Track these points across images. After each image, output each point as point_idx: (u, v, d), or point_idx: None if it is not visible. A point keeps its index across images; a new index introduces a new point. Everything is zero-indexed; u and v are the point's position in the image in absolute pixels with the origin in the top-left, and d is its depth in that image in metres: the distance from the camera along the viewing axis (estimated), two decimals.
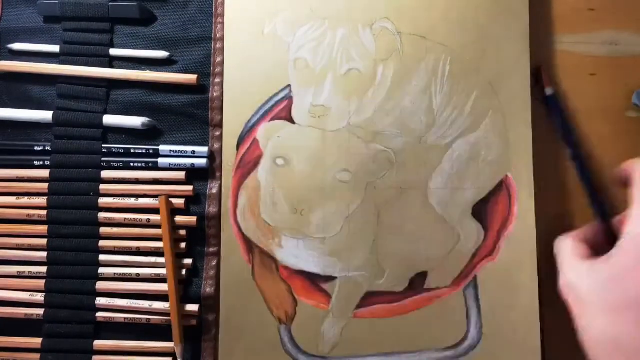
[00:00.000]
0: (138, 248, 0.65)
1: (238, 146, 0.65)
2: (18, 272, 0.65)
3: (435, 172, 0.65)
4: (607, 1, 0.69)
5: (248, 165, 0.65)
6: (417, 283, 0.65)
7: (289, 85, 0.65)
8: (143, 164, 0.65)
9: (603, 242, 0.59)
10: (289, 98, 0.65)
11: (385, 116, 0.65)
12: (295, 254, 0.64)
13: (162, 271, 0.65)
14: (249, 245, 0.64)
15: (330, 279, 0.64)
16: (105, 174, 0.66)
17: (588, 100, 0.69)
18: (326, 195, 0.64)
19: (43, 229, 0.65)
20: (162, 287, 0.64)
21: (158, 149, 0.65)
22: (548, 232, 0.67)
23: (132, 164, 0.66)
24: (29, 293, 0.65)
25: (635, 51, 0.69)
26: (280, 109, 0.65)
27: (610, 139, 0.68)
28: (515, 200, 0.65)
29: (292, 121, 0.65)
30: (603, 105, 0.69)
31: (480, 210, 0.65)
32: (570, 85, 0.69)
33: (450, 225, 0.65)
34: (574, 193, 0.68)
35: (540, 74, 0.67)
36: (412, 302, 0.64)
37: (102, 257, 0.65)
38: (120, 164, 0.66)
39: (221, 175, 0.65)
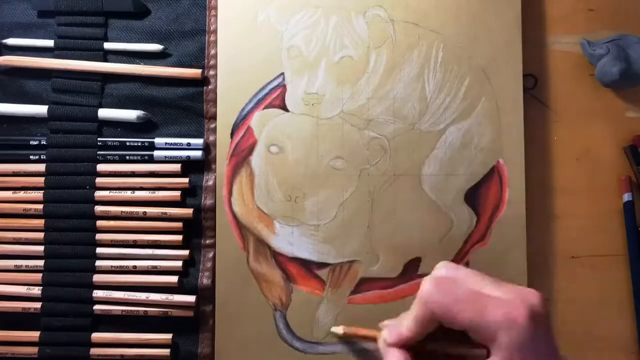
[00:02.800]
0: (135, 241, 0.65)
1: (232, 134, 0.65)
2: (15, 265, 0.65)
3: (428, 159, 0.65)
4: (607, 1, 0.69)
5: (242, 153, 0.65)
6: (411, 269, 0.65)
7: (282, 73, 0.65)
8: (139, 157, 0.66)
9: None
10: (283, 86, 0.65)
11: (378, 103, 0.65)
12: (289, 241, 0.64)
13: (159, 263, 0.65)
14: (244, 233, 0.64)
15: (324, 265, 0.64)
16: (101, 167, 0.66)
17: (588, 100, 0.69)
18: (320, 183, 0.64)
19: (40, 222, 0.65)
20: (159, 279, 0.65)
21: (153, 142, 0.65)
22: (538, 217, 0.67)
23: (127, 157, 0.66)
24: (26, 287, 0.65)
25: None
26: (274, 97, 0.65)
27: (610, 139, 0.68)
28: (506, 186, 0.65)
29: (285, 109, 0.65)
30: (603, 105, 0.69)
31: (473, 196, 0.65)
32: (570, 85, 0.69)
33: (443, 211, 0.65)
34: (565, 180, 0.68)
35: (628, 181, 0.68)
36: (406, 287, 0.65)
37: (99, 250, 0.65)
38: (116, 157, 0.66)
39: (217, 167, 0.65)
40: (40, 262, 0.65)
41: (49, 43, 0.67)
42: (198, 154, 0.65)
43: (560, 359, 0.50)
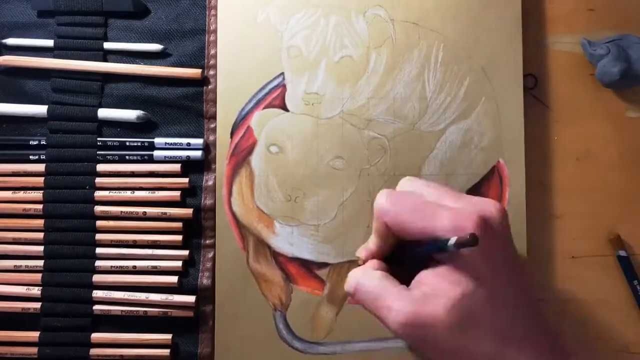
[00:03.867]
0: (135, 241, 0.65)
1: (232, 134, 0.65)
2: (15, 266, 0.65)
3: (429, 159, 0.65)
4: (607, 1, 0.69)
5: (242, 153, 0.65)
6: None
7: (282, 73, 0.65)
8: (138, 157, 0.66)
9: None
10: (283, 86, 0.65)
11: (378, 103, 0.65)
12: (289, 241, 0.64)
13: (159, 263, 0.65)
14: (244, 233, 0.64)
15: (324, 265, 0.65)
16: (100, 167, 0.66)
17: (588, 100, 0.69)
18: (320, 182, 0.64)
19: (39, 222, 0.65)
20: (159, 279, 0.65)
21: (153, 142, 0.65)
22: (538, 217, 0.67)
23: (127, 157, 0.66)
24: (26, 287, 0.65)
25: None
26: (274, 96, 0.65)
27: (610, 139, 0.68)
28: (506, 186, 0.65)
29: (285, 109, 0.65)
30: (603, 105, 0.69)
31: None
32: (570, 85, 0.69)
33: None
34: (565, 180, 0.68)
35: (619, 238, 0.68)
36: None
37: (99, 250, 0.65)
38: (116, 157, 0.66)
39: (216, 167, 0.65)
40: (40, 262, 0.65)
41: (49, 43, 0.67)
42: (198, 154, 0.65)
43: (518, 269, 0.50)
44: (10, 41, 0.67)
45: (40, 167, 0.66)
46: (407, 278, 0.51)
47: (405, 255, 0.53)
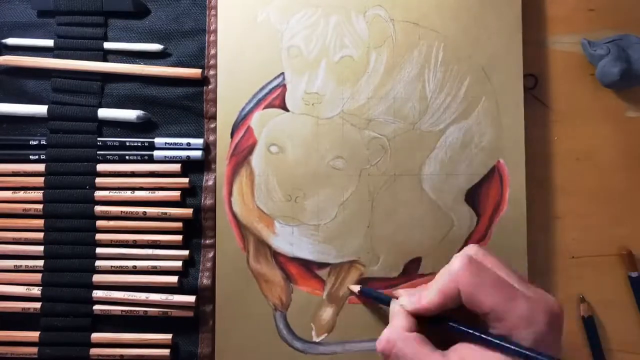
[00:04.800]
0: (135, 241, 0.65)
1: (232, 134, 0.65)
2: (15, 266, 0.65)
3: (429, 158, 0.65)
4: (607, 1, 0.69)
5: (242, 153, 0.65)
6: (411, 269, 0.65)
7: (283, 73, 0.65)
8: (138, 157, 0.66)
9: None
10: (283, 86, 0.65)
11: (378, 103, 0.65)
12: (289, 241, 0.64)
13: (159, 263, 0.65)
14: (244, 233, 0.64)
15: (325, 265, 0.64)
16: (100, 167, 0.66)
17: (588, 100, 0.69)
18: (320, 182, 0.64)
19: (39, 222, 0.65)
20: (159, 279, 0.65)
21: (153, 142, 0.65)
22: (538, 217, 0.67)
23: (127, 157, 0.66)
24: (26, 287, 0.65)
25: None
26: (274, 96, 0.65)
27: (610, 139, 0.68)
28: (507, 185, 0.65)
29: (285, 109, 0.65)
30: (603, 105, 0.69)
31: (473, 196, 0.65)
32: (570, 85, 0.69)
33: (443, 210, 0.65)
34: (565, 180, 0.68)
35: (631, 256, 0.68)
36: (406, 287, 0.64)
37: (99, 250, 0.65)
38: (116, 157, 0.66)
39: (216, 167, 0.65)
40: (40, 262, 0.65)
41: (49, 43, 0.67)
42: (198, 154, 0.65)
43: None
44: (10, 41, 0.67)
45: (40, 167, 0.66)
46: (435, 337, 0.52)
47: (451, 327, 0.53)
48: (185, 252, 0.65)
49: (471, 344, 0.50)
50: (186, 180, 0.65)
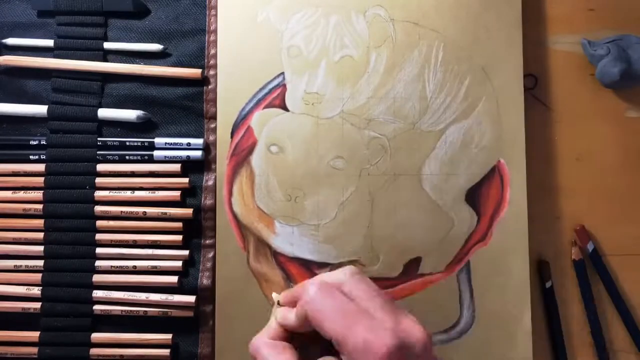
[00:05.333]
0: (135, 241, 0.65)
1: (232, 134, 0.65)
2: (15, 266, 0.65)
3: (429, 158, 0.65)
4: (607, 1, 0.69)
5: (242, 153, 0.65)
6: (411, 268, 0.65)
7: (283, 73, 0.65)
8: (138, 157, 0.66)
9: None
10: (283, 85, 0.65)
11: (378, 103, 0.65)
12: (290, 240, 0.64)
13: (159, 263, 0.65)
14: (244, 233, 0.64)
15: (325, 265, 0.64)
16: (100, 167, 0.66)
17: (588, 100, 0.69)
18: (320, 182, 0.64)
19: (39, 222, 0.65)
20: (159, 279, 0.65)
21: (153, 142, 0.65)
22: (538, 217, 0.67)
23: (127, 157, 0.66)
24: (26, 287, 0.65)
25: None
26: (274, 96, 0.65)
27: (610, 139, 0.68)
28: (507, 185, 0.65)
29: (285, 108, 0.65)
30: (603, 105, 0.69)
31: (473, 196, 0.65)
32: (570, 85, 0.69)
33: (443, 210, 0.65)
34: (565, 180, 0.68)
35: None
36: (406, 287, 0.65)
37: (99, 250, 0.65)
38: (116, 157, 0.66)
39: (217, 167, 0.65)
40: (40, 262, 0.65)
41: (49, 43, 0.67)
42: (198, 154, 0.65)
43: None
44: (11, 41, 0.67)
45: (41, 167, 0.66)
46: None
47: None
48: (185, 252, 0.65)
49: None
50: (186, 180, 0.65)
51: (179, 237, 0.65)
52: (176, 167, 0.65)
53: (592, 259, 0.67)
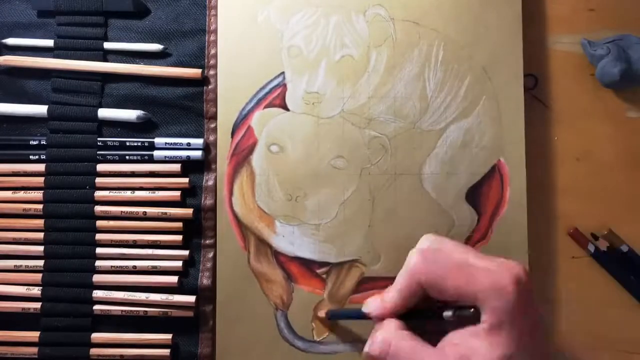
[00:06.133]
0: (135, 241, 0.65)
1: (232, 134, 0.65)
2: (15, 266, 0.65)
3: (429, 158, 0.65)
4: (607, 1, 0.69)
5: (243, 153, 0.65)
6: None
7: (283, 73, 0.65)
8: (138, 157, 0.66)
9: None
10: (283, 85, 0.65)
11: (379, 102, 0.65)
12: (290, 240, 0.64)
13: (159, 263, 0.65)
14: (245, 233, 0.64)
15: (325, 264, 0.64)
16: (101, 167, 0.66)
17: (588, 100, 0.69)
18: (321, 182, 0.64)
19: (39, 222, 0.65)
20: (159, 279, 0.65)
21: (153, 142, 0.65)
22: (538, 217, 0.67)
23: (127, 157, 0.66)
24: (26, 287, 0.65)
25: None
26: (274, 96, 0.65)
27: (610, 139, 0.68)
28: (507, 184, 0.65)
29: (286, 108, 0.65)
30: (603, 105, 0.69)
31: (474, 195, 0.65)
32: (570, 85, 0.69)
33: (444, 210, 0.65)
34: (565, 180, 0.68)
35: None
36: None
37: (99, 250, 0.65)
38: (116, 157, 0.66)
39: (217, 167, 0.65)
40: (40, 262, 0.65)
41: (49, 43, 0.67)
42: (198, 154, 0.65)
43: (541, 325, 0.51)
44: (10, 41, 0.67)
45: (41, 167, 0.66)
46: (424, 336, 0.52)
47: (420, 315, 0.55)
48: (185, 252, 0.65)
49: (459, 332, 0.51)
50: (186, 180, 0.65)
51: (179, 237, 0.65)
52: (176, 167, 0.65)
53: (595, 258, 0.67)
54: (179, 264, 0.65)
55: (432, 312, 0.54)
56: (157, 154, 0.65)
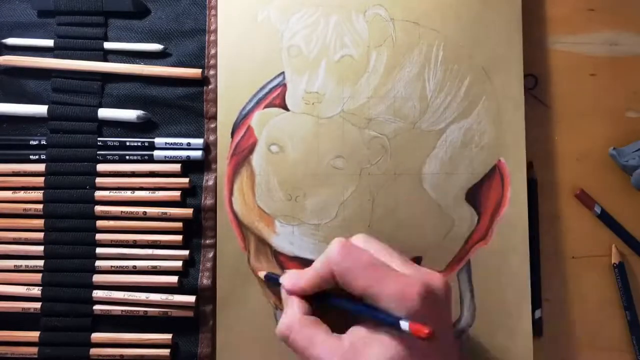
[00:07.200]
0: (135, 241, 0.65)
1: (232, 134, 0.65)
2: (15, 266, 0.65)
3: (429, 158, 0.65)
4: (607, 1, 0.69)
5: (243, 153, 0.65)
6: None
7: (283, 73, 0.65)
8: (138, 157, 0.66)
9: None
10: (283, 85, 0.65)
11: (378, 102, 0.65)
12: (290, 240, 0.64)
13: (159, 263, 0.65)
14: (245, 233, 0.64)
15: None
16: (101, 167, 0.66)
17: (588, 100, 0.69)
18: (321, 182, 0.64)
19: (39, 222, 0.65)
20: (159, 279, 0.65)
21: (153, 142, 0.65)
22: (540, 216, 0.67)
23: (127, 157, 0.66)
24: (26, 287, 0.65)
25: (635, 51, 0.69)
26: (274, 96, 0.65)
27: (610, 139, 0.68)
28: (508, 185, 0.65)
29: (286, 108, 0.65)
30: (603, 105, 0.69)
31: (474, 195, 0.65)
32: (570, 85, 0.69)
33: (444, 210, 0.65)
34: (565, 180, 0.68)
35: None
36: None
37: (99, 250, 0.65)
38: (116, 157, 0.66)
39: (217, 167, 0.65)
40: (40, 262, 0.65)
41: (49, 43, 0.67)
42: (198, 153, 0.65)
43: (449, 342, 0.53)
44: (11, 41, 0.67)
45: (41, 167, 0.66)
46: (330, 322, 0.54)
47: (332, 302, 0.56)
48: (185, 252, 0.65)
49: (363, 326, 0.52)
50: (186, 180, 0.65)
51: (179, 237, 0.65)
52: (176, 167, 0.65)
53: (602, 219, 0.68)
54: (179, 264, 0.65)
55: (346, 302, 0.55)
56: (157, 154, 0.65)
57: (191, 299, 0.64)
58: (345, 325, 0.54)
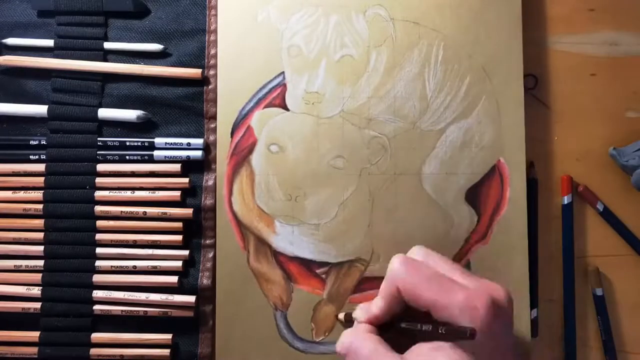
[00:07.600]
0: (135, 241, 0.65)
1: (232, 134, 0.65)
2: (15, 266, 0.65)
3: (429, 158, 0.65)
4: (607, 1, 0.69)
5: (242, 152, 0.65)
6: None
7: (283, 72, 0.65)
8: (138, 157, 0.66)
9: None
10: (283, 85, 0.65)
11: (378, 102, 0.65)
12: (290, 240, 0.64)
13: (159, 263, 0.65)
14: (244, 232, 0.64)
15: (325, 264, 0.64)
16: (101, 167, 0.66)
17: (588, 100, 0.69)
18: (320, 182, 0.64)
19: (39, 222, 0.65)
20: (159, 279, 0.65)
21: (153, 142, 0.65)
22: (539, 217, 0.67)
23: (127, 157, 0.66)
24: (26, 287, 0.65)
25: (635, 51, 0.69)
26: (274, 96, 0.65)
27: (610, 139, 0.68)
28: (507, 184, 0.65)
29: (286, 108, 0.65)
30: (603, 105, 0.69)
31: (473, 195, 0.65)
32: (570, 85, 0.69)
33: (444, 210, 0.65)
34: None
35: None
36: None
37: (99, 250, 0.65)
38: (116, 157, 0.66)
39: (217, 167, 0.65)
40: (40, 262, 0.65)
41: (49, 43, 0.67)
42: (198, 153, 0.65)
43: (513, 352, 0.53)
44: (10, 41, 0.67)
45: (41, 167, 0.66)
46: (397, 349, 0.52)
47: (403, 327, 0.55)
48: (185, 252, 0.65)
49: (426, 344, 0.51)
50: (186, 180, 0.65)
51: (179, 237, 0.65)
52: (176, 167, 0.65)
53: (604, 217, 0.68)
54: (179, 264, 0.65)
55: (415, 327, 0.53)
56: (157, 154, 0.65)
57: (191, 299, 0.64)
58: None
